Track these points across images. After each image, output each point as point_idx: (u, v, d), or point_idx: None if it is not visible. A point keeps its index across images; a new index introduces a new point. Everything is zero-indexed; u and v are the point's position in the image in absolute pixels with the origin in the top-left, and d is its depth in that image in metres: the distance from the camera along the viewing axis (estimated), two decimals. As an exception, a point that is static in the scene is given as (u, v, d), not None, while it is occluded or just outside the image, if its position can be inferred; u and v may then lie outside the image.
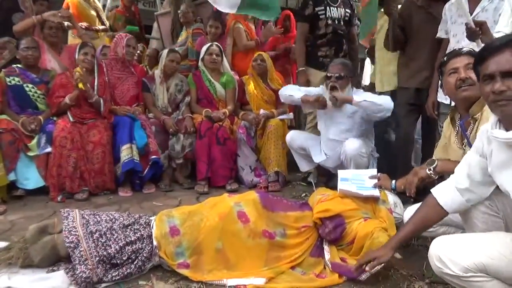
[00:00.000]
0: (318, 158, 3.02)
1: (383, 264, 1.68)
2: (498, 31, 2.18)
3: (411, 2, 2.95)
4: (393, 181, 2.12)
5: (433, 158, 1.94)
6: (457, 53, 1.90)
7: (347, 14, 3.42)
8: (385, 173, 2.30)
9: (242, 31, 4.11)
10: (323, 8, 3.36)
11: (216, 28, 4.05)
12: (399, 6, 3.05)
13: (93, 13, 4.34)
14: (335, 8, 3.38)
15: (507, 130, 1.25)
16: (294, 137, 3.15)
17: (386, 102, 2.70)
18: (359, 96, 2.77)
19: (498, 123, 1.33)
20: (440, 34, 2.71)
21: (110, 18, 4.74)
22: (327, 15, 3.36)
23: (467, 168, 1.48)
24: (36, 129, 3.00)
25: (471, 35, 2.12)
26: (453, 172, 1.75)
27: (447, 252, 1.32)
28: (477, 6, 2.47)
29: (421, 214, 1.60)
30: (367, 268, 1.66)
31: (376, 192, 2.17)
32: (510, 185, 1.28)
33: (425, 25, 2.84)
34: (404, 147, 3.06)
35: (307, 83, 3.40)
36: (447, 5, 2.68)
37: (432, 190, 1.58)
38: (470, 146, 1.78)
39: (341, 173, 2.34)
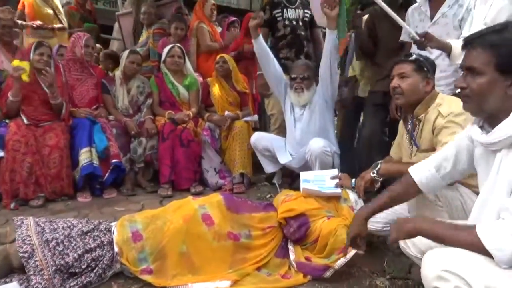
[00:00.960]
0: (284, 159, 3.05)
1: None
2: (462, 36, 2.31)
3: (375, 11, 3.04)
4: (353, 180, 2.18)
5: (377, 162, 2.02)
6: (400, 60, 1.99)
7: (306, 15, 3.46)
8: (346, 172, 2.36)
9: (206, 31, 4.09)
10: (280, 10, 3.40)
11: (181, 29, 4.00)
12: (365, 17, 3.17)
13: (50, 11, 4.16)
14: (293, 10, 3.42)
15: (489, 126, 1.23)
16: (259, 138, 3.16)
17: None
18: None
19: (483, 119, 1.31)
20: (404, 37, 2.80)
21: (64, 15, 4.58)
22: (284, 17, 3.40)
23: (454, 149, 1.46)
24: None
25: (418, 45, 2.23)
26: (396, 173, 1.85)
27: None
28: (437, 12, 2.59)
29: (395, 190, 1.59)
30: (360, 252, 1.67)
31: (337, 191, 2.23)
32: (480, 181, 1.31)
33: (390, 33, 2.92)
34: (368, 146, 3.14)
35: (266, 86, 3.42)
36: (409, 10, 2.78)
37: (409, 169, 1.59)
38: (417, 145, 1.92)
39: (303, 175, 2.39)
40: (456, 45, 2.09)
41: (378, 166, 1.96)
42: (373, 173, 1.96)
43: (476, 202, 1.29)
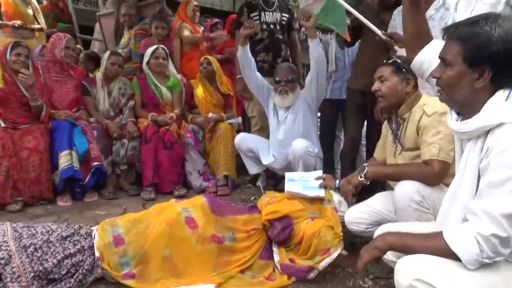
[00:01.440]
0: (267, 160, 3.06)
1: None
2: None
3: (368, 5, 3.08)
4: (337, 181, 2.20)
5: (364, 164, 2.02)
6: (381, 63, 2.03)
7: (284, 19, 3.46)
8: (329, 174, 2.38)
9: (187, 27, 4.09)
10: (257, 13, 3.39)
11: (162, 28, 3.93)
12: None
13: (30, 12, 4.07)
14: (270, 13, 3.42)
15: (463, 115, 1.25)
16: (243, 139, 3.16)
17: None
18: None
19: None
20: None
21: None
22: (262, 20, 3.39)
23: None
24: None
25: (386, 45, 2.27)
26: (383, 176, 1.92)
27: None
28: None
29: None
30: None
31: (321, 193, 2.24)
32: (456, 167, 1.32)
33: (371, 32, 2.96)
34: (351, 149, 3.18)
35: (245, 91, 3.43)
36: (396, 11, 2.82)
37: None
38: (400, 144, 1.94)
39: (288, 175, 2.40)
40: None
41: (365, 170, 1.95)
42: (361, 176, 1.95)
43: (446, 195, 1.31)
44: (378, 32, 2.27)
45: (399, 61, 1.95)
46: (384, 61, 2.05)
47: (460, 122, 1.23)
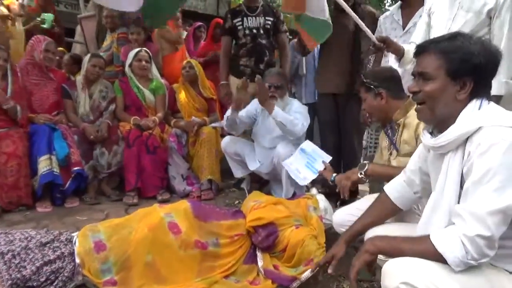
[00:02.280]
0: (253, 165, 3.06)
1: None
2: (411, 41, 2.38)
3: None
4: (334, 174, 2.19)
5: (364, 162, 2.01)
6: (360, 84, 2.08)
7: (268, 22, 3.47)
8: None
9: (167, 30, 4.08)
10: (240, 19, 3.41)
11: (137, 34, 3.87)
12: None
13: (4, 10, 3.96)
14: (253, 18, 3.43)
15: (439, 131, 1.27)
16: (230, 142, 3.15)
17: (294, 126, 2.78)
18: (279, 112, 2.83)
19: None
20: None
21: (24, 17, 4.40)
22: (245, 26, 3.41)
23: (418, 160, 1.50)
24: None
25: (377, 49, 2.30)
26: (383, 175, 1.89)
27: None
28: (409, 21, 2.68)
29: (374, 210, 1.62)
30: (329, 271, 1.57)
31: (311, 177, 2.35)
32: (433, 186, 1.34)
33: (337, 34, 3.00)
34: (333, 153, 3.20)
35: (228, 96, 3.45)
36: (381, 18, 2.87)
37: (384, 187, 1.63)
38: (396, 149, 1.94)
39: (305, 144, 2.53)
40: (409, 49, 2.14)
41: (366, 167, 1.93)
42: (361, 173, 1.94)
43: (426, 207, 1.32)
44: (372, 36, 2.30)
45: (364, 80, 1.98)
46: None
47: (435, 138, 1.25)
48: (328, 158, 2.46)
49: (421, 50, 1.28)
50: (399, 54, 2.22)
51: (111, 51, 4.16)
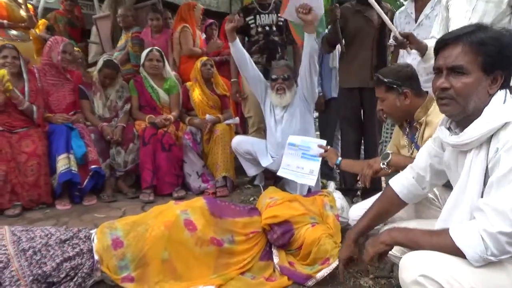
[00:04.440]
0: (265, 161, 3.04)
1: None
2: (432, 36, 2.33)
3: (347, 7, 3.08)
4: (340, 158, 2.14)
5: (388, 151, 1.96)
6: (375, 84, 1.99)
7: (281, 19, 3.43)
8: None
9: (189, 34, 4.08)
10: (252, 17, 3.40)
11: (157, 19, 4.08)
12: None
13: (23, 13, 4.05)
14: (266, 15, 3.41)
15: (459, 128, 1.23)
16: (240, 142, 3.14)
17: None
18: None
19: (450, 120, 1.30)
20: (391, 41, 2.84)
21: (50, 19, 4.52)
22: (257, 23, 3.40)
23: (428, 157, 1.46)
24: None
25: (399, 45, 2.25)
26: (404, 167, 1.84)
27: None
28: (421, 14, 2.63)
29: (379, 206, 1.58)
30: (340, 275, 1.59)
31: (312, 177, 2.23)
32: (453, 182, 1.31)
33: (362, 28, 2.98)
34: (352, 151, 3.17)
35: (239, 93, 3.45)
36: (397, 13, 2.83)
37: (389, 181, 1.59)
38: (418, 148, 1.87)
39: (291, 138, 2.41)
40: (432, 45, 2.10)
41: (389, 158, 1.87)
42: (383, 164, 1.88)
43: (446, 203, 1.29)
44: (395, 31, 2.25)
45: (385, 80, 1.88)
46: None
47: (457, 135, 1.21)
48: (322, 141, 2.40)
49: (450, 42, 1.19)
50: (423, 50, 2.16)
51: (126, 50, 4.21)
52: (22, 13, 3.98)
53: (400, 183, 1.55)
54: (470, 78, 1.15)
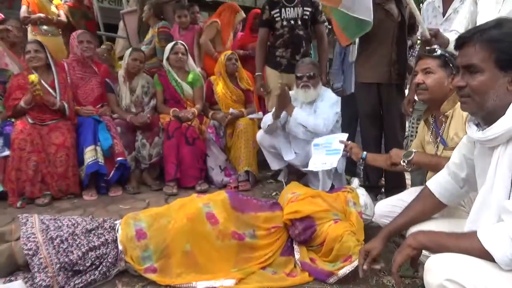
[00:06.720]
0: (288, 156, 3.03)
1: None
2: (452, 30, 2.24)
3: None
4: (365, 152, 2.11)
5: (411, 150, 1.90)
6: (424, 55, 1.90)
7: (306, 13, 3.41)
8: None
9: (214, 28, 4.13)
10: (278, 10, 3.37)
11: (184, 16, 4.18)
12: None
13: (54, 9, 4.18)
14: (291, 8, 3.38)
15: (486, 123, 1.19)
16: (265, 135, 3.14)
17: (314, 125, 2.79)
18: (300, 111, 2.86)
19: None
20: (419, 34, 2.76)
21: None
22: (283, 17, 3.37)
23: (461, 153, 1.42)
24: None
25: (425, 42, 2.17)
26: (430, 165, 1.79)
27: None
28: (449, 8, 2.54)
29: (415, 207, 1.54)
30: (364, 267, 1.51)
31: (336, 157, 2.27)
32: (478, 180, 1.27)
33: (383, 21, 2.88)
34: (373, 146, 3.10)
35: (263, 87, 3.44)
36: (424, 5, 2.75)
37: (427, 183, 1.55)
38: (444, 143, 1.82)
39: (315, 140, 2.48)
40: (453, 40, 2.03)
41: (412, 156, 1.81)
42: (404, 161, 1.83)
43: (474, 204, 1.24)
44: (425, 28, 2.18)
45: (447, 54, 1.81)
46: (427, 52, 1.90)
47: (483, 131, 1.17)
48: (343, 135, 2.42)
49: (464, 41, 1.18)
50: (445, 45, 2.10)
51: (152, 45, 4.28)
52: (54, 9, 4.10)
53: (437, 182, 1.51)
54: (484, 75, 1.14)
